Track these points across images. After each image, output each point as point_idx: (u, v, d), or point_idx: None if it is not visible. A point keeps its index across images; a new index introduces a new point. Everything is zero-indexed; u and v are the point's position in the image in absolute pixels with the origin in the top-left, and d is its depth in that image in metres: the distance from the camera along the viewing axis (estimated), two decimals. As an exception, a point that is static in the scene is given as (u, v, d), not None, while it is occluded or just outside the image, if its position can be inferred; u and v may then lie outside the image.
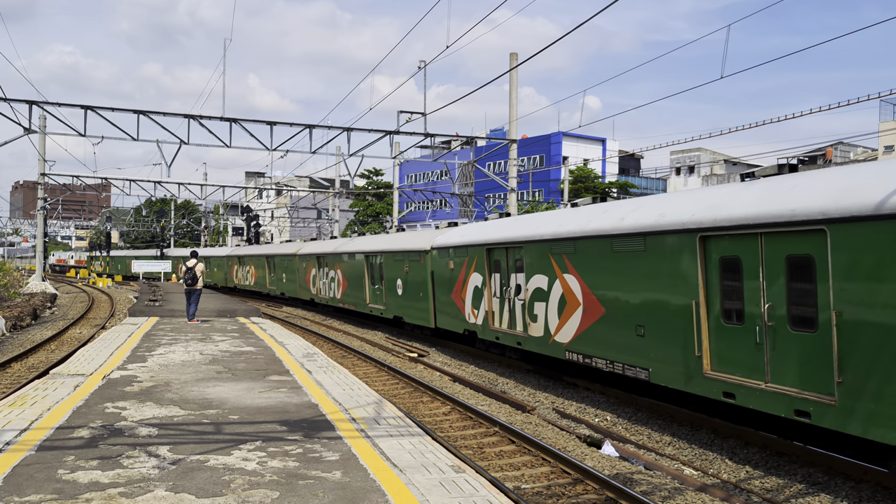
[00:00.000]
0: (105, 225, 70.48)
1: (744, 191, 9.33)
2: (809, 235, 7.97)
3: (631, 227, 10.90)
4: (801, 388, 8.05)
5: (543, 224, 13.80)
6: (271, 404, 8.97)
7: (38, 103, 22.20)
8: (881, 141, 54.81)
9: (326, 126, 24.74)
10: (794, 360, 8.21)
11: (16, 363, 16.23)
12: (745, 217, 8.73)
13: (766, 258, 8.61)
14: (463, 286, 17.26)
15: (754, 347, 8.78)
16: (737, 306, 9.08)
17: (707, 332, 9.49)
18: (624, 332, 11.18)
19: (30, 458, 6.35)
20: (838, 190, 7.73)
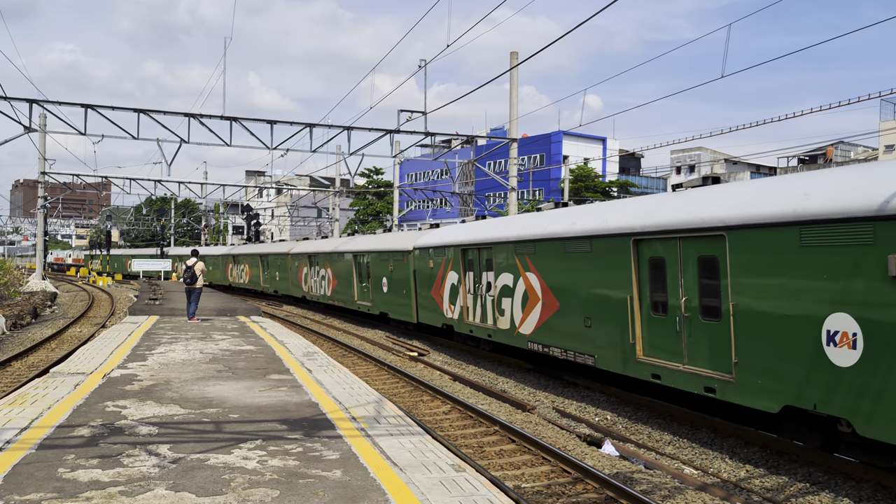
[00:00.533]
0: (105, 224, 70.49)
1: (670, 200, 10.72)
2: (714, 240, 9.42)
3: (580, 231, 12.33)
4: (709, 369, 9.51)
5: (510, 227, 15.20)
6: (271, 403, 8.97)
7: (38, 102, 22.20)
8: (881, 140, 54.80)
9: (327, 125, 24.73)
10: (704, 345, 9.65)
11: (16, 362, 16.23)
12: (668, 224, 10.18)
13: (684, 259, 10.05)
14: (441, 283, 18.57)
15: (675, 335, 10.20)
16: (662, 300, 10.49)
17: (639, 322, 10.93)
18: (575, 324, 12.60)
19: (30, 457, 6.35)
20: (734, 202, 9.20)
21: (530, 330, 14.01)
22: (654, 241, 10.53)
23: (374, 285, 23.81)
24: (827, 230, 7.75)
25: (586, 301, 12.22)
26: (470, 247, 16.81)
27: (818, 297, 7.85)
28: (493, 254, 15.61)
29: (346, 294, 26.67)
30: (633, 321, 10.94)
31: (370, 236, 26.72)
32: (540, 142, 66.83)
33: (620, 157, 69.21)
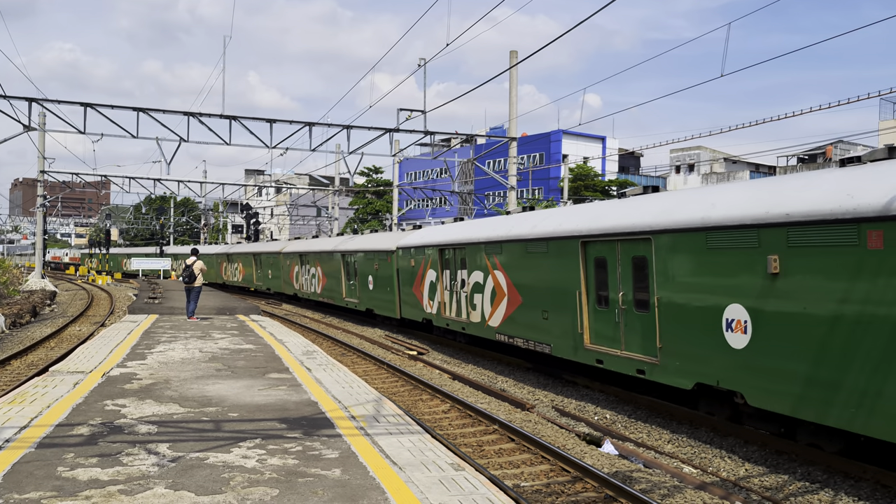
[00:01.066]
0: (104, 222, 70.45)
1: (614, 207, 12.21)
2: (643, 242, 10.80)
3: (539, 234, 13.71)
4: (641, 353, 10.92)
5: (481, 229, 16.59)
6: (271, 402, 8.97)
7: (37, 100, 22.19)
8: (881, 139, 54.81)
9: (326, 124, 24.72)
10: (637, 334, 11.04)
11: (15, 360, 16.23)
12: (609, 228, 11.62)
13: (621, 258, 11.46)
14: (421, 281, 19.88)
15: (615, 325, 11.62)
16: (605, 294, 11.91)
17: (587, 314, 12.35)
18: (535, 317, 13.99)
19: (29, 456, 6.35)
20: (659, 210, 10.60)
21: (498, 322, 15.43)
22: (598, 242, 12.01)
23: (360, 283, 25.03)
24: (725, 235, 9.20)
25: (544, 296, 13.63)
26: (447, 247, 18.10)
27: (720, 291, 9.30)
28: (467, 253, 17.01)
29: (335, 292, 27.85)
30: (581, 313, 12.41)
31: (357, 236, 27.82)
32: (539, 141, 66.81)
33: (620, 156, 69.21)
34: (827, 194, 8.01)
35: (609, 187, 60.13)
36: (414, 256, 20.42)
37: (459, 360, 17.30)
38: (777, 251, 8.42)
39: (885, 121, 54.48)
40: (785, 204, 8.43)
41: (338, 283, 27.59)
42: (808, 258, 8.07)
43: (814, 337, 7.96)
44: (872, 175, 7.83)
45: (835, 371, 7.71)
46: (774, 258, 8.42)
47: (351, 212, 72.85)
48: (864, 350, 7.45)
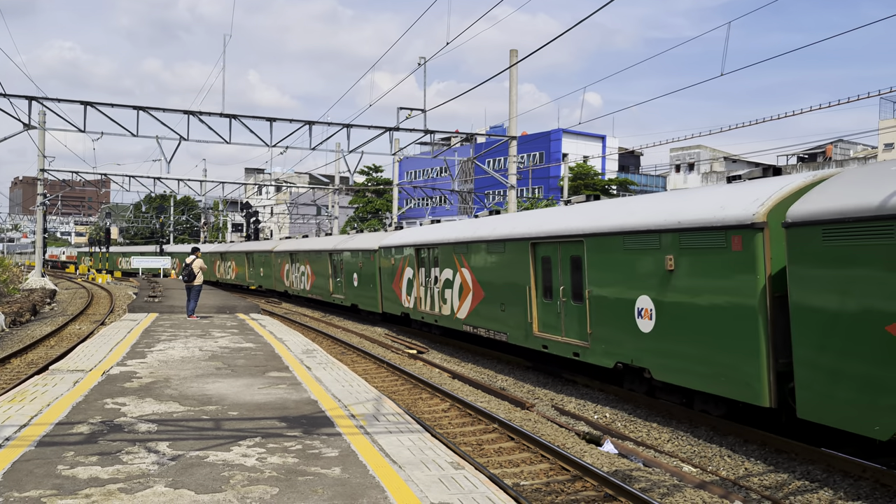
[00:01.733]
0: (104, 221, 70.44)
1: (559, 213, 13.95)
2: (579, 244, 12.57)
3: (498, 236, 15.49)
4: (576, 339, 12.71)
5: (452, 231, 18.32)
6: (270, 401, 8.97)
7: (37, 99, 22.18)
8: (881, 139, 54.80)
9: (326, 122, 24.70)
10: (574, 322, 12.78)
11: (15, 359, 16.23)
12: (553, 231, 13.42)
13: (561, 258, 13.21)
14: (400, 278, 21.50)
15: (557, 315, 13.39)
16: (549, 288, 13.67)
17: (535, 305, 14.09)
18: (495, 309, 15.68)
19: (29, 454, 6.35)
20: (591, 217, 12.50)
21: (465, 315, 17.20)
22: (545, 244, 13.72)
23: (346, 280, 26.70)
24: (637, 238, 10.95)
25: (502, 290, 15.34)
26: (422, 247, 19.72)
27: (633, 285, 11.05)
28: (439, 253, 18.64)
29: (323, 288, 29.49)
30: (530, 305, 14.16)
31: (343, 236, 29.64)
32: (539, 140, 66.79)
33: (620, 155, 69.20)
34: (708, 206, 9.84)
35: (609, 186, 60.11)
36: (394, 255, 22.03)
37: (459, 358, 17.30)
38: (672, 252, 10.27)
39: (885, 120, 54.48)
40: (678, 213, 10.25)
41: (325, 280, 29.11)
42: (693, 257, 9.92)
43: (696, 321, 9.83)
44: (741, 190, 9.70)
45: (710, 349, 9.60)
46: (670, 257, 10.29)
47: (351, 210, 72.86)
48: (728, 330, 9.29)
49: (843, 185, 8.10)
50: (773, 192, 9.15)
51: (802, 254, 8.14)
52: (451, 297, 17.83)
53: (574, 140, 66.52)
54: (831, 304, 7.80)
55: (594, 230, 12.01)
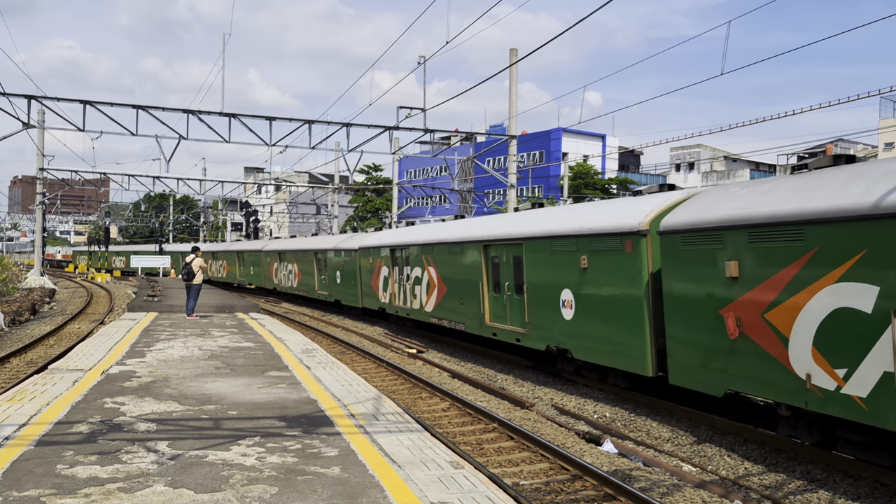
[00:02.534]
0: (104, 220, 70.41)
1: (506, 220, 16.16)
2: (519, 246, 14.64)
3: (457, 238, 17.65)
4: (518, 326, 14.68)
5: (422, 233, 20.45)
6: (270, 400, 8.97)
7: (36, 98, 22.16)
8: (881, 138, 54.80)
9: (326, 122, 24.70)
10: (517, 312, 14.80)
11: (14, 358, 16.22)
12: (500, 235, 15.50)
13: (507, 257, 15.23)
14: (378, 275, 23.48)
15: (504, 306, 15.40)
16: (498, 283, 15.72)
17: (486, 299, 16.16)
18: (455, 302, 17.72)
19: (29, 453, 6.34)
20: (528, 223, 14.54)
21: (431, 308, 19.17)
22: (494, 245, 15.82)
23: (330, 278, 28.73)
24: (560, 241, 13.06)
25: (460, 286, 17.40)
26: (396, 247, 21.69)
27: (558, 280, 13.09)
28: (410, 253, 20.63)
29: (309, 285, 31.50)
30: (482, 298, 16.25)
31: (328, 237, 32.21)
32: (539, 139, 66.78)
33: (620, 154, 69.19)
34: (611, 216, 11.94)
35: (609, 185, 60.10)
36: (372, 255, 23.95)
37: (459, 358, 17.30)
38: (585, 253, 12.33)
39: (885, 119, 54.47)
40: (590, 222, 12.39)
41: (311, 278, 31.07)
42: (599, 258, 11.98)
43: (602, 309, 11.91)
44: (637, 204, 11.67)
45: (612, 332, 11.65)
46: (584, 258, 12.34)
47: (350, 210, 72.83)
48: (623, 316, 11.34)
49: (697, 203, 10.10)
50: (655, 206, 11.19)
51: (670, 255, 10.28)
52: (420, 292, 19.99)
53: (574, 139, 66.51)
54: (688, 294, 9.96)
55: (530, 235, 14.12)
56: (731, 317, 9.20)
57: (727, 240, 9.26)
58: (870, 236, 7.40)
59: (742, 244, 9.04)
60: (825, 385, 7.98)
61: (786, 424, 9.07)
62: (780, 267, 8.51)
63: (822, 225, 7.98)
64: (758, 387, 8.92)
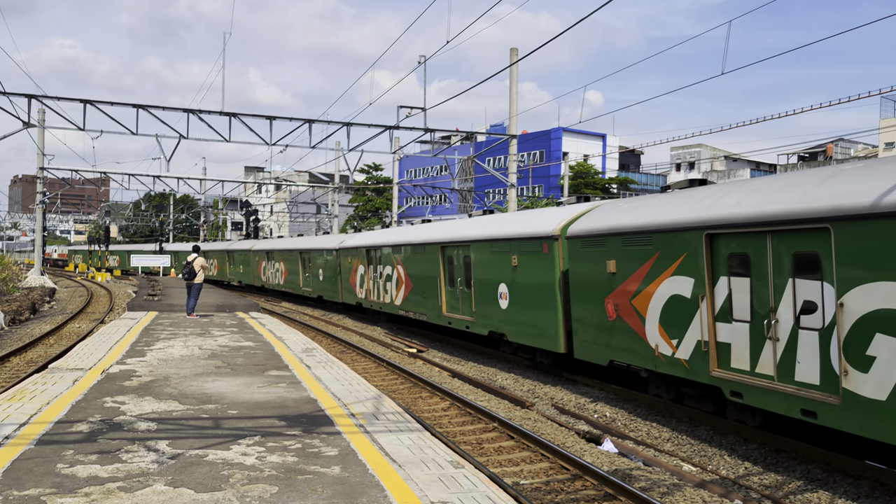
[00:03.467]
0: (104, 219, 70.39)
1: (460, 224, 18.64)
2: (468, 247, 17.04)
3: (420, 240, 20.19)
4: (467, 315, 17.28)
5: (392, 235, 23.03)
6: (270, 399, 8.97)
7: (37, 97, 22.16)
8: (881, 138, 54.80)
9: (326, 121, 24.69)
10: (467, 303, 17.33)
11: (14, 357, 16.22)
12: (454, 238, 17.94)
13: (459, 257, 17.71)
14: (355, 273, 25.90)
15: (457, 298, 17.85)
16: (452, 279, 18.17)
17: (444, 293, 18.60)
18: (419, 297, 20.06)
19: (29, 452, 6.34)
20: (476, 228, 16.94)
21: (400, 302, 21.72)
22: (449, 246, 18.28)
23: (313, 275, 31.11)
24: (498, 244, 15.54)
25: (423, 282, 19.80)
26: (371, 248, 24.13)
27: (497, 276, 15.54)
28: (383, 253, 23.08)
29: (294, 283, 33.87)
30: (441, 293, 18.63)
31: (311, 237, 34.77)
32: (540, 138, 66.76)
33: (620, 154, 69.18)
34: (535, 224, 14.51)
35: (609, 185, 60.07)
36: (351, 255, 26.33)
37: (459, 357, 17.30)
38: (516, 253, 14.78)
39: (885, 119, 54.45)
40: (519, 227, 14.87)
41: (296, 276, 33.47)
42: (525, 257, 14.44)
43: (528, 299, 14.38)
44: (556, 213, 14.19)
45: (535, 317, 14.15)
46: (515, 257, 14.79)
47: (351, 209, 72.84)
48: (542, 304, 13.85)
49: (593, 215, 12.69)
50: (566, 216, 13.66)
51: (573, 255, 12.88)
52: (391, 288, 22.51)
53: (574, 139, 66.50)
54: (585, 286, 12.54)
55: (476, 238, 16.60)
56: (610, 303, 11.85)
57: (608, 244, 11.80)
58: (688, 242, 9.99)
59: (618, 247, 11.57)
60: (666, 352, 10.57)
61: (651, 385, 11.68)
62: (639, 264, 11.07)
63: (662, 234, 10.53)
64: (628, 356, 11.56)
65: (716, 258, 9.61)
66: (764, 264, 8.82)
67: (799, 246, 8.35)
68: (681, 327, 10.13)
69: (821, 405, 7.87)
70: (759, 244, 8.88)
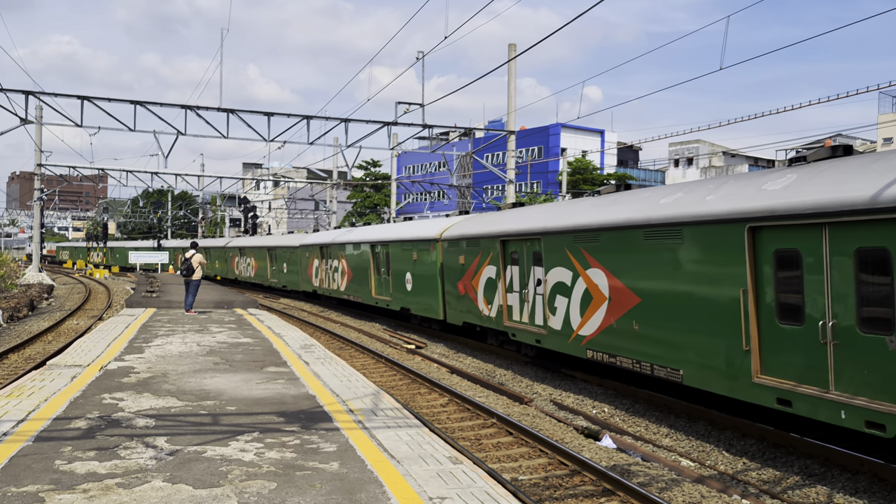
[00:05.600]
0: (102, 216, 70.29)
1: (383, 228, 24.26)
2: (387, 245, 22.43)
3: (357, 240, 25.23)
4: (387, 297, 22.37)
5: (338, 235, 27.97)
6: (269, 395, 8.96)
7: (34, 93, 22.09)
8: (879, 133, 54.80)
9: (324, 117, 24.65)
10: (387, 287, 22.35)
11: (13, 354, 16.21)
12: (378, 238, 23.24)
13: (382, 252, 22.71)
14: (312, 266, 31.21)
15: (381, 284, 22.74)
16: (379, 269, 23.35)
17: (373, 280, 23.59)
18: (357, 283, 25.29)
19: (27, 449, 6.33)
20: (394, 231, 22.37)
21: (344, 288, 26.65)
22: (375, 245, 23.52)
23: (279, 268, 36.16)
24: (406, 244, 20.78)
25: (359, 272, 24.92)
26: (323, 245, 29.20)
27: (405, 267, 20.77)
28: (331, 249, 28.12)
29: (263, 276, 39.04)
30: (371, 280, 23.74)
31: (278, 236, 40.30)
32: (538, 134, 66.69)
33: (619, 150, 69.16)
34: (426, 229, 19.68)
35: (607, 181, 60.01)
36: (308, 251, 31.37)
37: (458, 354, 17.30)
38: (416, 250, 20.13)
39: (883, 114, 54.44)
40: (416, 232, 20.35)
41: (265, 269, 38.33)
42: (420, 253, 19.86)
43: (422, 283, 19.67)
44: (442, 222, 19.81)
45: (426, 296, 19.49)
46: (415, 252, 20.10)
47: (349, 205, 72.75)
48: (430, 286, 19.07)
49: (458, 226, 18.03)
50: (444, 225, 19.16)
51: (445, 252, 18.43)
52: (338, 278, 27.33)
53: (573, 135, 66.43)
54: (451, 274, 18.03)
55: (393, 239, 21.93)
56: (461, 284, 17.46)
57: (460, 245, 17.53)
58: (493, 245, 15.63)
59: (464, 248, 17.32)
60: (487, 313, 16.14)
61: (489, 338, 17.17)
62: (474, 258, 16.73)
63: (483, 239, 16.22)
64: (471, 318, 17.01)
65: (505, 255, 15.34)
66: (526, 258, 14.47)
67: (535, 247, 14.08)
68: (492, 298, 15.84)
69: (544, 336, 13.56)
70: (520, 246, 14.73)
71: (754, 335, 8.59)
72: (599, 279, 11.66)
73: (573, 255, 12.41)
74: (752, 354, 8.59)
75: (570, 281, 12.50)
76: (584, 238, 12.06)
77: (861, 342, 7.42)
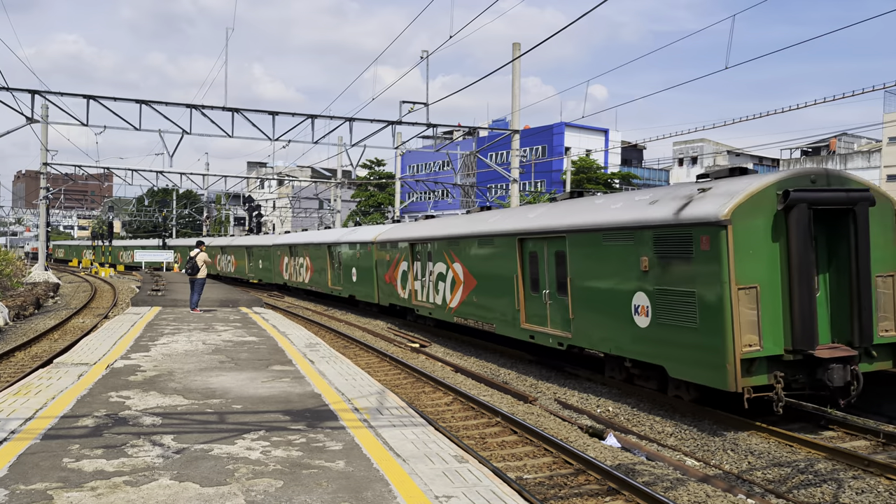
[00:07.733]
0: (107, 215, 70.43)
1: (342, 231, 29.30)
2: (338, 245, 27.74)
3: (317, 241, 30.01)
4: (339, 287, 27.51)
5: (303, 237, 33.36)
6: (274, 394, 8.99)
7: (40, 93, 22.18)
8: (885, 132, 54.59)
9: (328, 116, 24.69)
10: (339, 279, 27.53)
11: (19, 352, 16.27)
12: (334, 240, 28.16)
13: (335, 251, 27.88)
14: (281, 262, 35.84)
15: (336, 276, 27.91)
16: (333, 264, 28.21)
17: (329, 273, 28.41)
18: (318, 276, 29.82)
19: (35, 447, 6.37)
20: (343, 233, 28.22)
21: (307, 281, 31.61)
22: (332, 245, 27.52)
23: (255, 265, 40.57)
24: (352, 245, 25.95)
25: (319, 267, 29.50)
26: (291, 245, 33.88)
27: (351, 262, 26.01)
28: (298, 249, 32.67)
29: (242, 272, 43.32)
30: (328, 273, 28.22)
31: (254, 236, 45.49)
32: (542, 133, 66.63)
33: (623, 149, 69.05)
34: (366, 234, 24.98)
35: (612, 180, 59.95)
36: (280, 249, 35.91)
37: (462, 352, 17.32)
38: (359, 250, 24.92)
39: (889, 113, 54.22)
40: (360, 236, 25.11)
41: (244, 265, 42.85)
42: (363, 252, 24.62)
43: (363, 275, 24.69)
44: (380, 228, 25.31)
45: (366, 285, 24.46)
46: (359, 252, 24.75)
47: (353, 204, 72.81)
48: (368, 279, 24.22)
49: (388, 232, 22.93)
50: (380, 231, 23.80)
51: (378, 252, 23.12)
52: (303, 272, 32.08)
53: (577, 134, 66.35)
54: (382, 267, 22.88)
55: (343, 241, 26.15)
56: (387, 275, 22.16)
57: (387, 246, 22.23)
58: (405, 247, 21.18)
59: (389, 248, 22.04)
60: (403, 296, 20.97)
61: (407, 314, 21.99)
62: (394, 256, 21.61)
63: (399, 242, 21.01)
64: (394, 300, 21.83)
65: (412, 254, 20.37)
66: (424, 256, 19.48)
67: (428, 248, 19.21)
68: (405, 285, 20.79)
69: (433, 309, 18.94)
70: (422, 248, 19.67)
71: (521, 300, 14.48)
72: (459, 270, 17.44)
73: (446, 254, 18.14)
74: (521, 311, 14.47)
75: (445, 271, 18.25)
76: (452, 243, 17.88)
77: (555, 301, 13.37)
